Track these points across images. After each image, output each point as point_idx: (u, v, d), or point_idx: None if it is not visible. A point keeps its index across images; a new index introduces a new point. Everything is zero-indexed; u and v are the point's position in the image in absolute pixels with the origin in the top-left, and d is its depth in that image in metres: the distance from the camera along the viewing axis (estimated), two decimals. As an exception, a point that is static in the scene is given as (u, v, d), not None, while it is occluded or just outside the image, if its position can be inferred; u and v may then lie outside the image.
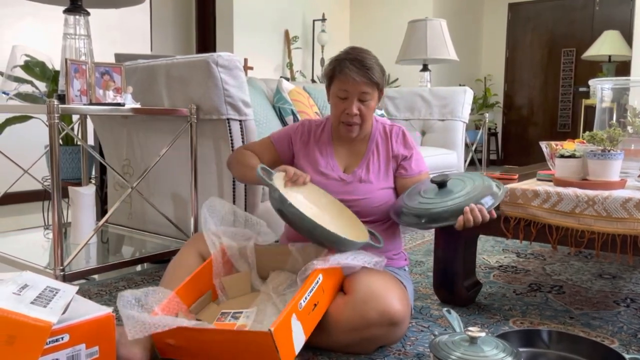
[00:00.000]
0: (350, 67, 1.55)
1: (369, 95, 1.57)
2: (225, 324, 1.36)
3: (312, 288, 1.28)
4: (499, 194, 1.44)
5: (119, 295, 1.25)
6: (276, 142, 1.74)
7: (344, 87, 1.57)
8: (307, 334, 1.25)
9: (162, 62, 1.99)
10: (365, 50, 1.61)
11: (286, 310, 1.18)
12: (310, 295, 1.27)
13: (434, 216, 1.42)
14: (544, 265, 2.29)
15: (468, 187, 1.47)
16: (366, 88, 1.56)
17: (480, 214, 1.38)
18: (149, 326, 1.15)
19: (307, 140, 1.72)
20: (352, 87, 1.56)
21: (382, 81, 1.60)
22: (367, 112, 1.60)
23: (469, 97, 3.48)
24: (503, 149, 7.27)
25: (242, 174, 1.67)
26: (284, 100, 2.85)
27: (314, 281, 1.30)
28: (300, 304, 1.23)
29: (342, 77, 1.56)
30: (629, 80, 1.86)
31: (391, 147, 1.67)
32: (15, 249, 1.92)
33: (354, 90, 1.56)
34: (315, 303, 1.29)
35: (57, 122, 1.54)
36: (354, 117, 1.59)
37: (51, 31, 3.95)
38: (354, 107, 1.57)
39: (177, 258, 1.57)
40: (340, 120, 1.61)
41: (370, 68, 1.55)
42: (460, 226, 1.39)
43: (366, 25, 6.43)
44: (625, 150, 1.69)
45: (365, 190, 1.61)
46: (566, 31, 6.72)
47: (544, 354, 1.32)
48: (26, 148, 3.31)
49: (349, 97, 1.57)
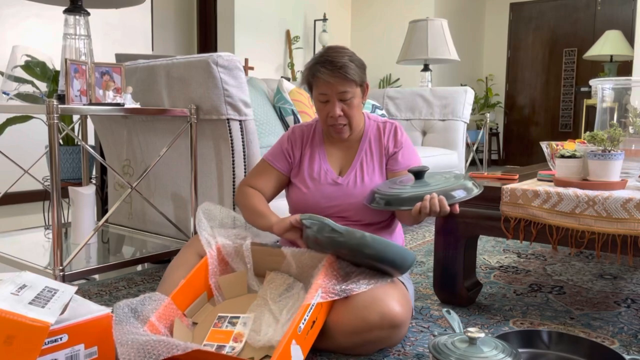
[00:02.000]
0: (322, 71, 1.53)
1: (348, 94, 1.55)
2: (222, 330, 1.36)
3: (311, 307, 1.26)
4: (474, 191, 1.43)
5: (115, 305, 1.25)
6: (273, 162, 1.69)
7: (322, 91, 1.56)
8: (306, 352, 1.24)
9: (162, 62, 1.99)
10: (338, 48, 1.58)
11: (285, 337, 1.16)
12: (309, 315, 1.25)
13: (395, 200, 1.41)
14: (545, 265, 2.29)
15: (446, 182, 1.45)
16: (343, 87, 1.54)
17: (439, 205, 1.37)
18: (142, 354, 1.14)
19: (301, 145, 1.70)
20: (328, 89, 1.54)
21: (361, 76, 1.57)
22: (350, 111, 1.58)
23: (470, 97, 3.48)
24: (504, 149, 7.27)
25: (252, 221, 1.62)
26: (284, 100, 2.85)
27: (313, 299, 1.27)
28: (299, 327, 1.21)
29: (317, 82, 1.56)
30: (630, 80, 1.85)
31: (383, 144, 1.66)
32: (16, 249, 1.92)
33: (332, 92, 1.54)
34: (314, 320, 1.28)
35: (56, 122, 1.54)
36: (338, 119, 1.58)
37: (54, 31, 3.96)
38: (337, 109, 1.56)
39: (177, 259, 1.57)
40: (327, 124, 1.60)
41: (343, 66, 1.53)
42: (416, 211, 1.38)
43: (367, 25, 6.43)
44: (626, 150, 1.69)
45: (361, 192, 1.60)
46: (568, 31, 6.71)
47: (544, 354, 1.32)
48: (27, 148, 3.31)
49: (329, 99, 1.56)
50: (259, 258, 1.54)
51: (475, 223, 1.69)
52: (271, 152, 1.72)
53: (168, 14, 5.47)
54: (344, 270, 1.43)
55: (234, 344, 1.31)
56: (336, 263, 1.42)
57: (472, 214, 1.69)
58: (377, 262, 1.36)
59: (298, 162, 1.70)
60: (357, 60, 1.57)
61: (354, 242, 1.32)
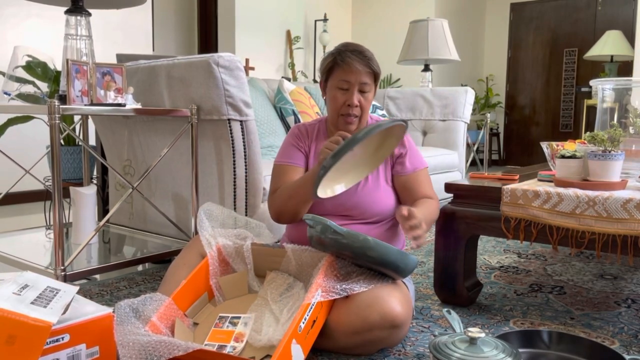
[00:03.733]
0: (352, 57, 1.56)
1: (368, 86, 1.59)
2: (223, 330, 1.36)
3: (311, 307, 1.26)
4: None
5: (116, 305, 1.25)
6: (289, 160, 1.67)
7: (346, 77, 1.57)
8: (307, 352, 1.24)
9: (163, 62, 1.99)
10: (363, 47, 1.64)
11: (286, 337, 1.16)
12: (309, 314, 1.25)
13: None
14: (545, 265, 2.29)
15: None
16: (367, 78, 1.58)
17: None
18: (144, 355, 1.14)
19: (308, 140, 1.71)
20: (354, 76, 1.56)
21: (378, 75, 1.62)
22: (366, 104, 1.61)
23: (471, 97, 3.48)
24: (505, 149, 7.27)
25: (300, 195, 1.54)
26: (285, 100, 2.85)
27: (313, 299, 1.27)
28: (300, 326, 1.21)
29: (345, 66, 1.56)
30: (631, 81, 1.85)
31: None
32: (17, 249, 1.92)
33: (356, 79, 1.57)
34: (314, 319, 1.28)
35: (58, 123, 1.55)
36: (354, 109, 1.59)
37: (55, 31, 3.96)
38: (355, 98, 1.58)
39: (178, 260, 1.58)
40: (340, 113, 1.61)
41: (371, 58, 1.59)
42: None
43: (368, 26, 6.43)
44: (626, 150, 1.69)
45: (364, 192, 1.61)
46: (568, 31, 6.71)
47: (544, 354, 1.32)
48: (28, 148, 3.32)
49: (350, 87, 1.58)
50: (259, 258, 1.54)
51: (476, 223, 1.69)
52: (281, 154, 1.70)
53: (169, 15, 5.47)
54: (344, 269, 1.43)
55: (235, 343, 1.31)
56: (336, 263, 1.42)
57: (472, 214, 1.70)
58: (380, 266, 1.36)
59: (307, 155, 1.69)
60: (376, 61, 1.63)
61: (357, 244, 1.32)
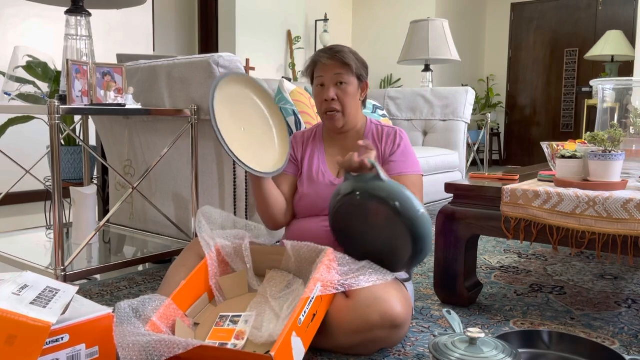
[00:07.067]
0: (322, 54, 1.66)
1: (343, 77, 1.63)
2: (224, 329, 1.36)
3: (310, 300, 1.26)
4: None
5: (116, 305, 1.25)
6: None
7: (319, 74, 1.66)
8: (307, 345, 1.24)
9: (164, 62, 1.99)
10: (340, 45, 1.69)
11: (286, 329, 1.16)
12: (309, 308, 1.25)
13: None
14: (546, 265, 2.29)
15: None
16: (338, 70, 1.63)
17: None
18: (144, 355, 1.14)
19: (302, 146, 1.77)
20: (325, 71, 1.64)
21: (358, 67, 1.65)
22: (345, 97, 1.64)
23: (471, 97, 3.48)
24: (506, 149, 7.26)
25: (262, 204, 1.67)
26: (285, 100, 2.85)
27: (312, 292, 1.28)
28: (299, 319, 1.21)
29: (318, 64, 1.66)
30: (631, 81, 1.85)
31: (381, 148, 1.69)
32: (17, 249, 1.92)
33: (328, 74, 1.63)
34: (314, 313, 1.28)
35: (58, 123, 1.55)
36: (332, 103, 1.63)
37: (55, 32, 3.97)
38: (331, 92, 1.63)
39: (178, 261, 1.58)
40: (322, 110, 1.66)
41: (340, 51, 1.64)
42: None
43: (368, 26, 6.43)
44: (627, 151, 1.69)
45: None
46: (569, 31, 6.71)
47: (545, 354, 1.32)
48: (28, 148, 3.32)
49: (325, 82, 1.65)
50: (258, 258, 1.55)
51: (476, 223, 1.69)
52: None
53: (169, 15, 5.47)
54: (343, 267, 1.44)
55: (236, 341, 1.31)
56: (335, 260, 1.43)
57: (472, 215, 1.70)
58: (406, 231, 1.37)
59: (300, 162, 1.75)
60: (357, 55, 1.68)
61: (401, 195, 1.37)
